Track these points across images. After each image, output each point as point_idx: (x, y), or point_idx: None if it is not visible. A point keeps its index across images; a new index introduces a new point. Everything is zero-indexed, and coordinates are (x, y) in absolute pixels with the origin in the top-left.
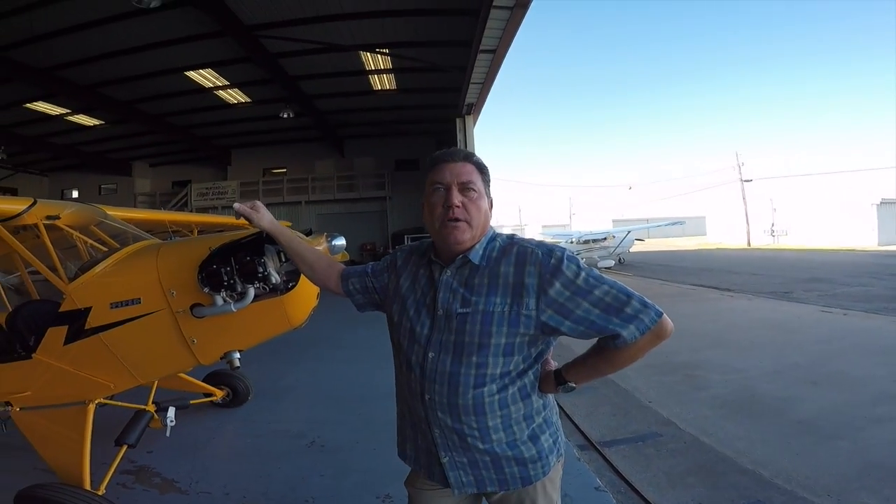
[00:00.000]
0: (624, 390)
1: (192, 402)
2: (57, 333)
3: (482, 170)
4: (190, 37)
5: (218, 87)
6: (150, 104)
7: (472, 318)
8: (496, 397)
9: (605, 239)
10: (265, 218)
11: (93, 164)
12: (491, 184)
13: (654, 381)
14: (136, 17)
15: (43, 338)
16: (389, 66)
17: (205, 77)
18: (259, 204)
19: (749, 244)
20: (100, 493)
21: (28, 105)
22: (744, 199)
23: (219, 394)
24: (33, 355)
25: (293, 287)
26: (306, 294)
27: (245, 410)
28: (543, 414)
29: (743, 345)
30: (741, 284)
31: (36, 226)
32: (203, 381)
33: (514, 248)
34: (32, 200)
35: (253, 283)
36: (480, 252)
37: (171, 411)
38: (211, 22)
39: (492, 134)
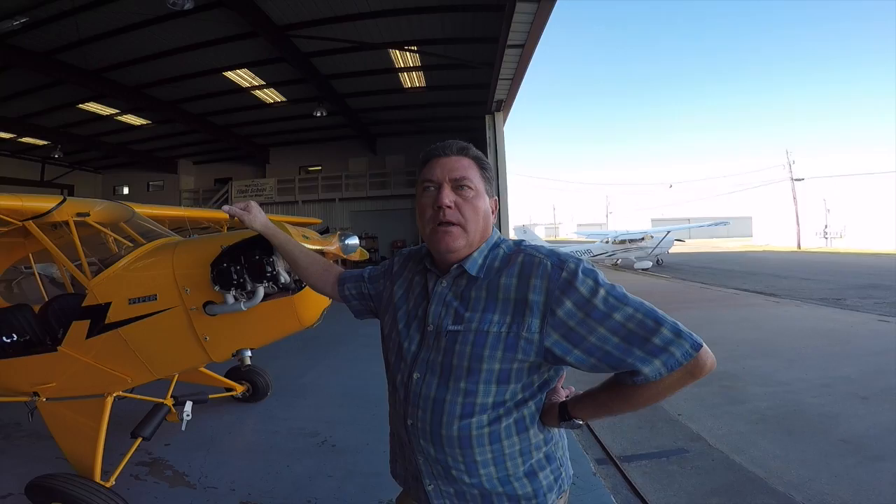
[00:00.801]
0: None
1: (211, 396)
2: (80, 327)
3: (481, 164)
4: (225, 38)
5: (254, 87)
6: (193, 104)
7: (462, 338)
8: (486, 430)
9: (642, 239)
10: (258, 219)
11: (142, 162)
12: (493, 181)
13: (687, 392)
14: (173, 20)
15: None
16: (418, 63)
17: (241, 77)
18: (253, 204)
19: (799, 247)
20: (109, 484)
21: (80, 105)
22: (794, 198)
23: (239, 389)
24: (59, 348)
25: (305, 286)
26: (318, 293)
27: (264, 406)
28: (545, 449)
29: (789, 355)
30: (789, 289)
31: (67, 223)
32: (225, 375)
33: (520, 258)
34: (62, 198)
35: (262, 283)
36: (479, 261)
37: (188, 406)
38: (244, 23)
39: (525, 131)
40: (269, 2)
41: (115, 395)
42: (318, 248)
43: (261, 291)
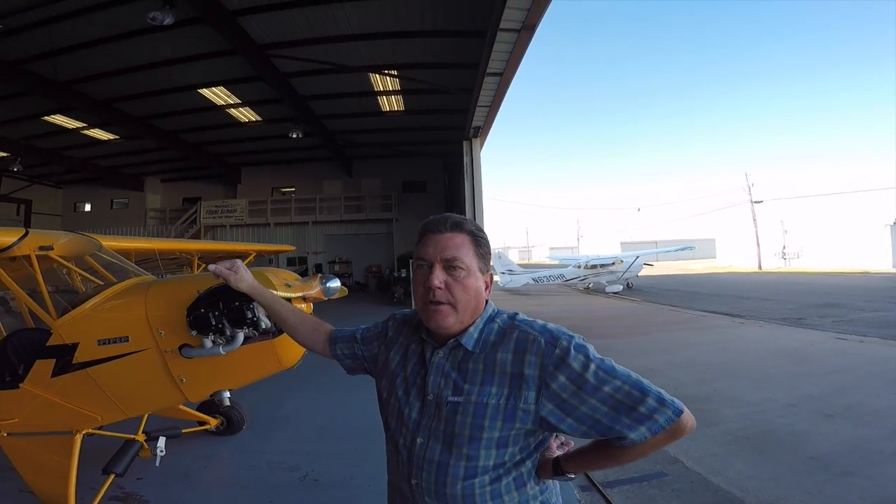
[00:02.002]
0: None
1: (184, 430)
2: (44, 366)
3: (476, 241)
4: (203, 54)
5: (230, 105)
6: (164, 120)
7: (463, 409)
8: (488, 489)
9: (612, 264)
10: (244, 280)
11: (106, 179)
12: (489, 256)
13: None
14: (151, 34)
15: (31, 368)
16: (398, 87)
17: (217, 95)
18: (239, 264)
19: (760, 267)
20: None
21: (45, 118)
22: (754, 220)
23: (213, 422)
24: (21, 385)
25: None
26: None
27: (239, 439)
28: (541, 498)
29: (756, 375)
30: (752, 310)
31: (29, 257)
32: (197, 409)
33: (515, 334)
34: (24, 231)
35: (242, 328)
36: (475, 335)
37: (162, 441)
38: (223, 40)
39: (498, 154)
40: (250, 20)
41: (84, 432)
42: (300, 294)
43: (240, 337)
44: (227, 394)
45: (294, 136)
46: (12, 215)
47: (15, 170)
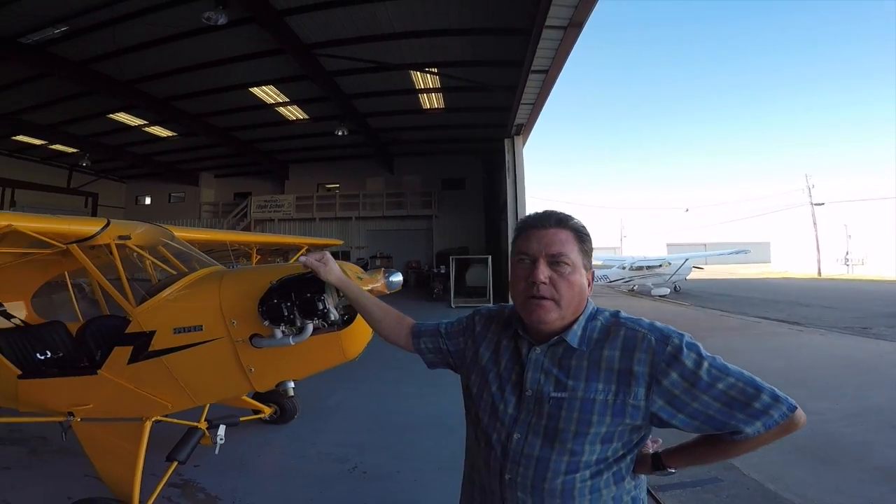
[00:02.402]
0: None
1: (241, 419)
2: (122, 353)
3: (580, 237)
4: (254, 54)
5: (279, 104)
6: (218, 118)
7: (568, 405)
8: (588, 483)
9: (660, 266)
10: (333, 272)
11: (165, 174)
12: (591, 252)
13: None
14: (205, 34)
15: (109, 355)
16: (438, 84)
17: (267, 93)
18: (329, 256)
19: (820, 274)
20: None
21: (110, 115)
22: (814, 224)
23: (267, 411)
24: (98, 371)
25: (351, 321)
26: (363, 329)
27: (291, 429)
28: (633, 493)
29: (817, 384)
30: (812, 318)
31: (109, 245)
32: (252, 397)
33: (622, 332)
34: (106, 221)
35: (312, 319)
36: (579, 333)
37: (222, 429)
38: (273, 40)
39: (537, 151)
40: (297, 20)
41: (153, 419)
42: (367, 287)
43: (310, 328)
44: (292, 384)
45: (339, 133)
46: (81, 207)
47: (84, 165)
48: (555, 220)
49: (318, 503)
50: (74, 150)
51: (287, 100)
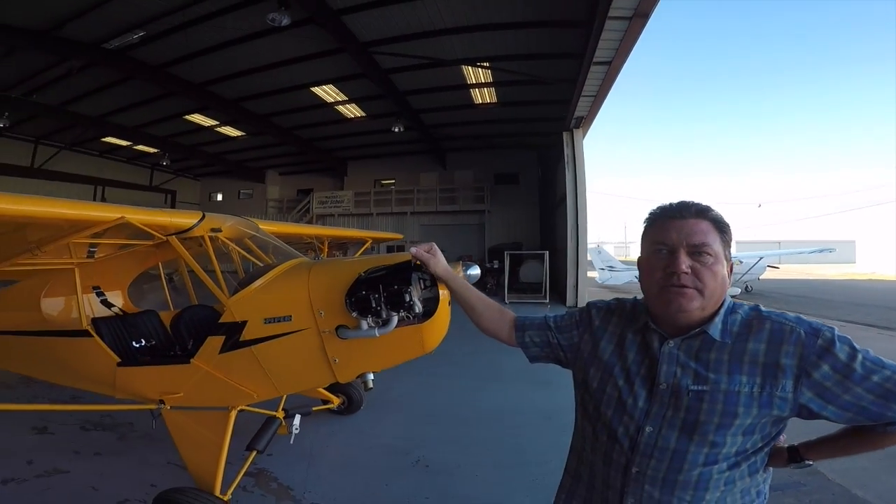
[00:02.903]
0: None
1: (314, 409)
2: (215, 342)
3: (721, 228)
4: (314, 54)
5: (338, 103)
6: (282, 118)
7: (711, 397)
8: (724, 475)
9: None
10: (440, 264)
11: (234, 171)
12: (731, 244)
13: (805, 426)
14: (269, 36)
15: (202, 344)
16: (490, 79)
17: (327, 92)
18: (436, 248)
19: None
20: (226, 497)
21: (186, 117)
22: None
23: (335, 401)
24: (191, 360)
25: (431, 315)
26: (442, 322)
27: (355, 420)
28: (760, 486)
29: None
30: None
31: (202, 238)
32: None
33: (767, 325)
34: (202, 214)
35: (398, 311)
36: (720, 325)
37: (297, 419)
38: (331, 39)
39: (592, 142)
40: (353, 19)
41: (238, 408)
42: None
43: (395, 320)
44: (371, 376)
45: (396, 130)
46: (161, 204)
47: (164, 164)
48: (695, 211)
49: (383, 496)
50: (155, 150)
51: (345, 98)
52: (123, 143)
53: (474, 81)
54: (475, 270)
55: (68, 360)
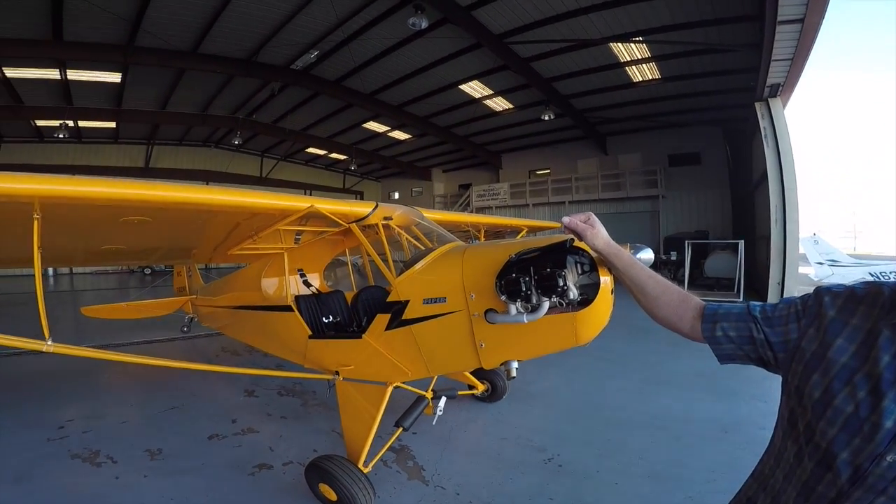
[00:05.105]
0: None
1: (459, 393)
2: (382, 320)
3: None
4: (456, 52)
5: (485, 97)
6: (439, 118)
7: None
8: None
9: None
10: (600, 236)
11: (406, 172)
12: None
13: None
14: (414, 41)
15: (372, 321)
16: (647, 54)
17: (473, 88)
18: (594, 218)
19: None
20: (367, 470)
21: (364, 125)
22: None
23: (480, 388)
24: (363, 336)
25: (589, 303)
26: (601, 312)
27: (496, 408)
28: None
29: None
30: None
31: (376, 225)
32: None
33: None
34: (375, 204)
35: (549, 297)
36: None
37: (443, 401)
38: (468, 36)
39: (808, 112)
40: (484, 12)
41: (394, 384)
42: None
43: (545, 306)
44: (516, 364)
45: (546, 118)
46: None
47: (353, 168)
48: None
49: (506, 490)
50: (345, 157)
51: (491, 92)
52: (321, 152)
53: (628, 59)
54: (648, 254)
55: (277, 331)
